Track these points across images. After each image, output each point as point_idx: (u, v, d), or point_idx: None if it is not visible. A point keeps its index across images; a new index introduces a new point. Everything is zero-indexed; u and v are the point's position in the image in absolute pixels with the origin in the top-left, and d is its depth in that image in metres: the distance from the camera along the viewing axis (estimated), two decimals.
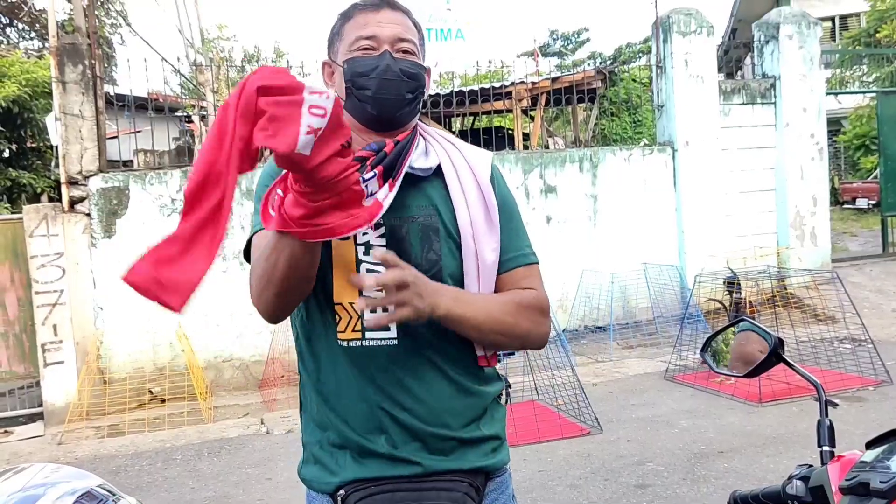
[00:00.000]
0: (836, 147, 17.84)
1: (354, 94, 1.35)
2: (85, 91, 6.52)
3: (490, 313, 1.30)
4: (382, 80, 1.33)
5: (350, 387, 1.34)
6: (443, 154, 1.39)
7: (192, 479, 4.65)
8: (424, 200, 1.36)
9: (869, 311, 7.78)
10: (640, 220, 8.30)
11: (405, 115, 1.38)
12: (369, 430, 1.32)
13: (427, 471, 1.32)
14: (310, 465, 1.40)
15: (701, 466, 4.27)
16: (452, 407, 1.35)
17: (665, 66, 8.57)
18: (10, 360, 6.46)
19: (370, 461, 1.32)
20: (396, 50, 1.35)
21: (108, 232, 6.60)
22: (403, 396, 1.32)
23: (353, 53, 1.36)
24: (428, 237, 1.34)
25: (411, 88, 1.36)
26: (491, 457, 1.39)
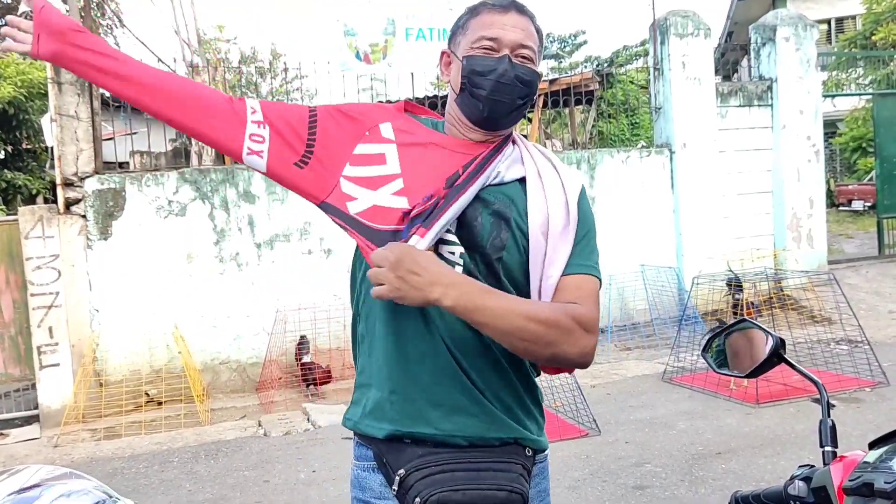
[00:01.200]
0: (831, 149, 17.88)
1: (468, 91, 1.38)
2: (80, 92, 6.51)
3: (511, 317, 1.25)
4: (498, 83, 1.36)
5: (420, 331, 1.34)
6: (531, 164, 1.41)
7: (189, 482, 4.63)
8: (503, 194, 1.38)
9: (865, 312, 7.79)
10: (638, 222, 8.31)
11: (513, 118, 1.41)
12: (429, 383, 1.33)
13: (480, 433, 1.33)
14: (357, 406, 1.42)
15: (699, 468, 4.26)
16: (505, 378, 1.37)
17: (662, 69, 8.58)
18: (5, 363, 6.43)
19: (425, 414, 1.33)
20: (516, 55, 1.37)
21: (104, 234, 6.57)
22: (463, 354, 1.33)
23: (474, 51, 1.38)
24: (499, 224, 1.35)
25: (523, 94, 1.39)
26: (538, 435, 1.42)
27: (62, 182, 6.49)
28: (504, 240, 1.34)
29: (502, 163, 1.39)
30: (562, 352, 1.29)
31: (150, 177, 6.78)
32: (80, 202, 6.54)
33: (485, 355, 1.35)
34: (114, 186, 6.63)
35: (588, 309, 1.32)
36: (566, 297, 1.33)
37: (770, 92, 8.94)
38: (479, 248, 1.34)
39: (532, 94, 1.41)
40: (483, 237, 1.34)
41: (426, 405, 1.33)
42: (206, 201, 6.87)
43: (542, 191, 1.38)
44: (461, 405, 1.33)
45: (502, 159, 1.40)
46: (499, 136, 1.43)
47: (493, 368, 1.35)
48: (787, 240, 8.86)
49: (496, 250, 1.34)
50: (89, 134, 6.55)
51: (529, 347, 1.28)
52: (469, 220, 1.34)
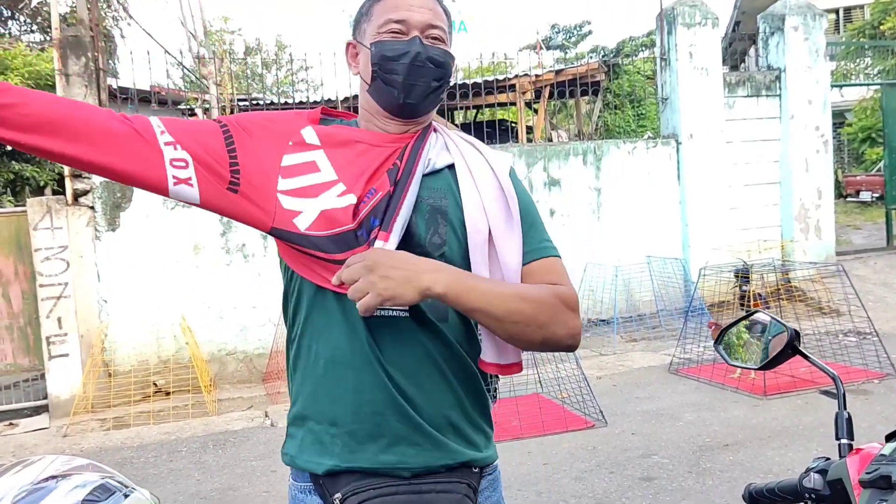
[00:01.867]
0: (839, 140, 17.78)
1: (381, 78, 1.33)
2: (88, 84, 6.51)
3: (503, 297, 1.21)
4: (412, 66, 1.30)
5: (351, 361, 1.27)
6: (456, 151, 1.37)
7: (197, 471, 4.66)
8: (437, 184, 1.33)
9: (873, 303, 7.76)
10: (644, 214, 8.28)
11: (430, 103, 1.36)
12: (369, 414, 1.26)
13: (425, 464, 1.27)
14: (294, 441, 1.34)
15: (706, 459, 4.27)
16: (451, 394, 1.31)
17: (669, 59, 8.53)
18: (14, 353, 6.47)
19: (365, 447, 1.26)
20: (426, 36, 1.32)
21: (112, 225, 6.59)
22: (404, 378, 1.27)
23: (382, 36, 1.32)
24: (434, 219, 1.30)
25: (438, 76, 1.33)
26: (485, 450, 1.36)
27: (70, 173, 6.50)
28: (443, 235, 1.29)
29: (432, 150, 1.35)
30: (553, 333, 1.25)
31: None
32: (88, 193, 6.55)
33: (431, 377, 1.28)
34: None
35: (568, 288, 1.30)
36: (539, 282, 1.29)
37: (778, 82, 8.88)
38: (416, 248, 1.26)
39: (447, 76, 1.35)
40: (420, 236, 1.28)
41: (366, 438, 1.26)
42: None
43: (472, 177, 1.33)
44: (403, 435, 1.26)
45: (431, 146, 1.35)
46: (418, 123, 1.37)
47: (439, 389, 1.29)
48: (795, 231, 8.82)
49: (436, 248, 1.28)
50: None
51: (523, 331, 1.23)
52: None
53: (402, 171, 1.29)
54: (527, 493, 3.90)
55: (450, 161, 1.35)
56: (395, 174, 1.29)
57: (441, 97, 1.39)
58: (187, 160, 1.23)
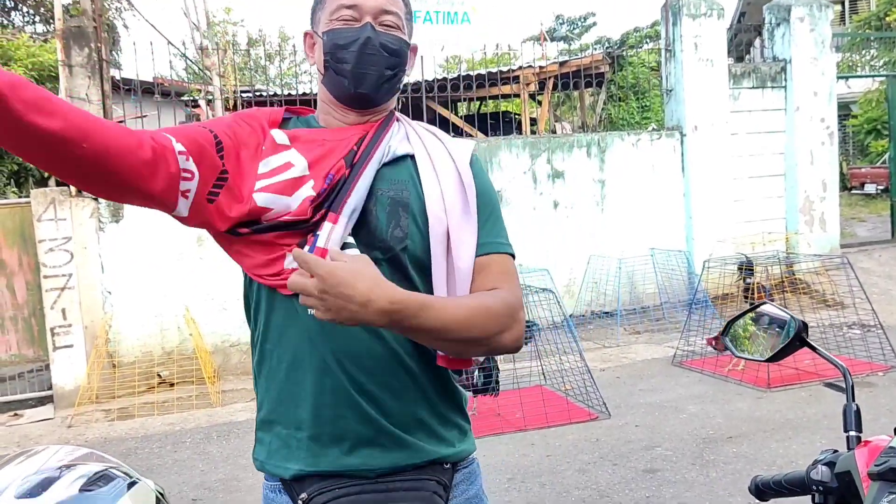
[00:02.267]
0: (844, 132, 17.70)
1: (332, 68, 1.29)
2: (91, 74, 6.49)
3: (451, 324, 1.16)
4: (362, 54, 1.26)
5: (310, 363, 1.25)
6: (417, 142, 1.34)
7: (201, 462, 4.67)
8: (397, 175, 1.30)
9: (878, 296, 7.74)
10: (648, 206, 8.26)
11: (383, 92, 1.31)
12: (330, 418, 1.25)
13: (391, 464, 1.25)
14: (262, 445, 1.33)
15: (710, 451, 4.26)
16: (418, 391, 1.28)
17: (674, 50, 8.49)
18: (19, 344, 6.49)
19: (328, 451, 1.25)
20: (379, 23, 1.28)
21: (116, 216, 6.59)
22: (367, 378, 1.24)
23: (333, 24, 1.28)
24: (396, 212, 1.26)
25: (391, 65, 1.29)
26: (457, 445, 1.33)
27: None
28: (405, 228, 1.26)
29: (393, 138, 1.32)
30: (499, 343, 1.23)
31: None
32: None
33: (395, 375, 1.25)
34: None
35: (514, 292, 1.26)
36: (488, 281, 1.25)
37: (784, 73, 8.83)
38: (378, 242, 1.24)
39: (402, 65, 1.32)
40: (381, 230, 1.25)
41: (329, 441, 1.25)
42: None
43: (433, 167, 1.30)
44: (365, 437, 1.24)
45: (392, 135, 1.32)
46: (376, 113, 1.33)
47: (405, 387, 1.26)
48: (800, 223, 8.79)
49: (398, 241, 1.25)
50: (100, 116, 6.53)
51: (467, 349, 1.23)
52: (364, 212, 1.25)
53: (359, 155, 1.27)
54: (530, 485, 3.90)
55: (410, 151, 1.32)
56: (351, 158, 1.26)
57: (398, 86, 1.34)
58: (193, 172, 1.18)
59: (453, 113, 11.40)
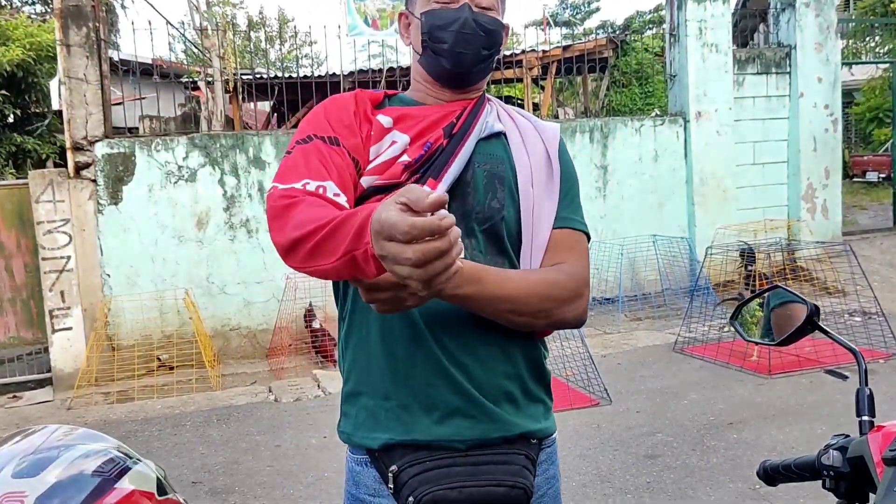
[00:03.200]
0: (847, 119, 17.61)
1: (430, 48, 1.33)
2: (89, 54, 6.43)
3: (513, 297, 1.18)
4: (460, 34, 1.30)
5: (401, 333, 1.25)
6: (508, 121, 1.38)
7: (202, 445, 4.67)
8: (493, 150, 1.34)
9: (879, 284, 7.73)
10: (651, 192, 8.22)
11: (479, 71, 1.36)
12: (421, 386, 1.25)
13: (481, 435, 1.25)
14: (348, 418, 1.33)
15: (710, 437, 4.26)
16: (508, 364, 1.29)
17: (678, 35, 8.41)
18: (17, 326, 6.47)
19: (419, 420, 1.25)
20: (476, 4, 1.32)
21: (115, 198, 6.55)
22: (458, 348, 1.25)
23: (432, 5, 1.32)
24: (493, 185, 1.30)
25: (488, 44, 1.33)
26: (544, 421, 1.34)
27: (72, 146, 6.45)
28: (501, 200, 1.30)
29: (489, 115, 1.36)
30: (561, 317, 1.25)
31: (160, 142, 6.74)
32: (90, 166, 6.50)
33: (486, 346, 1.26)
34: (123, 151, 6.59)
35: (583, 268, 1.29)
36: (559, 255, 1.29)
37: (788, 59, 8.76)
38: (476, 213, 1.27)
39: (497, 45, 1.35)
40: (480, 201, 1.28)
41: (420, 411, 1.25)
42: (216, 167, 6.83)
43: (524, 145, 1.35)
44: (457, 407, 1.24)
45: (488, 113, 1.36)
46: (471, 92, 1.38)
47: (495, 359, 1.27)
48: (802, 210, 8.76)
49: (496, 212, 1.29)
50: (98, 97, 6.49)
51: (531, 322, 1.23)
52: (462, 183, 1.29)
53: (458, 127, 1.31)
54: None
55: (503, 129, 1.36)
56: (450, 129, 1.31)
57: (492, 66, 1.38)
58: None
59: None
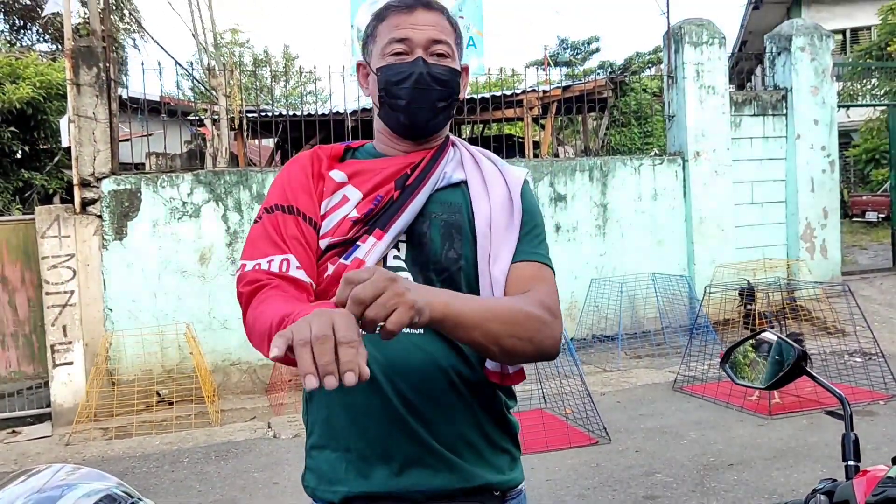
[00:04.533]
0: (845, 160, 17.77)
1: (387, 104, 1.33)
2: (99, 94, 6.56)
3: (493, 312, 1.14)
4: (415, 90, 1.30)
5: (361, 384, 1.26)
6: (472, 166, 1.37)
7: (199, 482, 4.65)
8: (451, 198, 1.33)
9: (880, 324, 7.73)
10: (650, 230, 8.29)
11: (437, 123, 1.36)
12: (378, 437, 1.24)
13: (440, 486, 1.24)
14: (312, 472, 1.34)
15: (710, 478, 4.24)
16: (469, 412, 1.27)
17: (676, 77, 8.56)
18: (19, 360, 6.48)
19: (376, 471, 1.24)
20: (430, 54, 1.31)
21: (120, 234, 6.62)
22: (417, 397, 1.23)
23: (387, 59, 1.32)
24: (450, 235, 1.29)
25: (444, 96, 1.33)
26: (509, 472, 1.31)
27: (79, 182, 6.54)
28: (458, 250, 1.28)
29: (448, 164, 1.35)
30: (542, 344, 1.19)
31: (166, 178, 6.83)
32: (96, 202, 6.59)
33: (445, 394, 1.24)
34: (129, 187, 6.68)
35: (550, 294, 1.25)
36: (523, 286, 1.25)
37: (785, 101, 8.90)
38: (433, 264, 1.26)
39: (454, 94, 1.34)
40: (436, 252, 1.27)
41: (378, 462, 1.24)
42: (219, 203, 6.91)
43: (486, 191, 1.33)
44: (414, 457, 1.23)
45: (447, 161, 1.35)
46: (432, 141, 1.37)
47: (454, 408, 1.25)
48: (801, 250, 8.81)
49: (452, 262, 1.27)
50: (107, 135, 6.60)
51: (516, 345, 1.15)
52: (418, 235, 1.28)
53: (412, 179, 1.30)
54: None
55: (464, 176, 1.35)
56: (403, 181, 1.30)
57: (451, 113, 1.38)
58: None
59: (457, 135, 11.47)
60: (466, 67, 1.40)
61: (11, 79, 9.82)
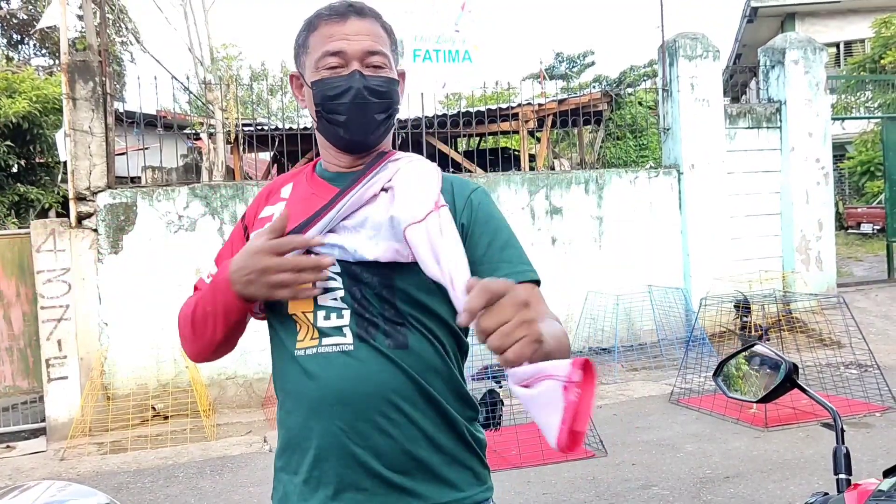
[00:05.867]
0: (840, 172, 17.86)
1: (325, 119, 1.30)
2: (95, 108, 6.58)
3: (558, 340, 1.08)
4: (353, 105, 1.26)
5: (302, 406, 1.24)
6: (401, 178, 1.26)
7: (194, 498, 4.62)
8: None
9: (875, 336, 7.74)
10: (646, 243, 8.30)
11: (378, 136, 1.32)
12: (316, 461, 1.23)
13: None
14: (275, 491, 1.35)
15: (707, 491, 4.23)
16: (414, 428, 1.22)
17: (671, 90, 8.61)
18: (13, 375, 6.45)
19: (314, 496, 1.23)
20: (366, 65, 1.27)
21: (115, 248, 6.61)
22: (354, 418, 1.20)
23: (321, 73, 1.28)
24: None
25: (383, 108, 1.29)
26: (467, 489, 1.26)
27: (75, 196, 6.54)
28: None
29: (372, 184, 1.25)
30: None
31: (162, 192, 6.83)
32: (91, 216, 6.58)
33: (382, 413, 1.20)
34: (125, 201, 6.68)
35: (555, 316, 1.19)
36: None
37: (779, 114, 8.95)
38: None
39: (394, 105, 1.31)
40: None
41: (316, 486, 1.23)
42: (215, 216, 6.91)
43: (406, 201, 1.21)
44: (349, 481, 1.21)
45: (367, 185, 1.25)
46: (372, 154, 1.32)
47: (396, 425, 1.21)
48: (796, 262, 8.83)
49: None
50: (102, 149, 6.61)
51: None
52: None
53: (339, 192, 1.26)
54: None
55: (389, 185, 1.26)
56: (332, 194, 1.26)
57: (391, 126, 1.34)
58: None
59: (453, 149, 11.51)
60: (403, 73, 1.37)
61: (8, 93, 9.85)
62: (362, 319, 1.23)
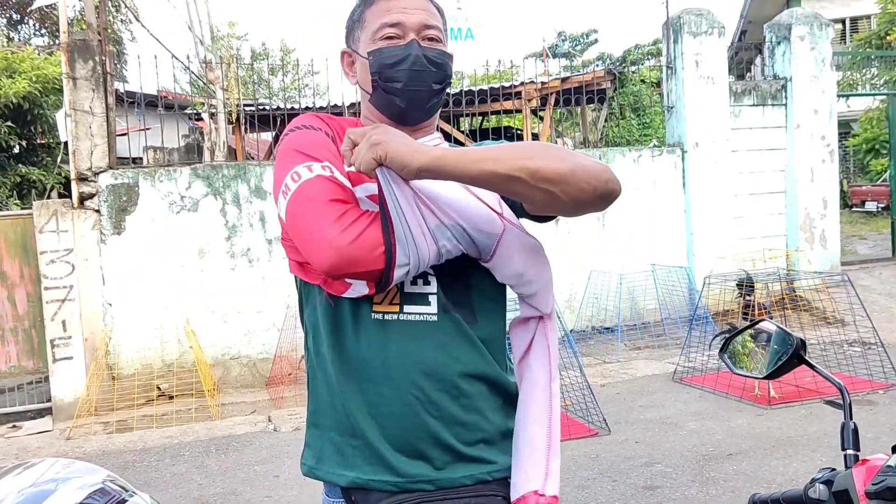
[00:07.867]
0: (845, 150, 17.74)
1: (382, 87, 1.30)
2: (95, 87, 6.54)
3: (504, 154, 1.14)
4: (412, 71, 1.27)
5: (374, 371, 1.23)
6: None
7: (199, 476, 4.66)
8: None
9: (879, 314, 7.73)
10: (649, 222, 8.27)
11: (433, 106, 1.34)
12: (386, 426, 1.23)
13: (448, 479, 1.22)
14: (311, 450, 1.32)
15: (710, 468, 4.24)
16: (483, 400, 1.26)
17: (675, 67, 8.53)
18: (19, 356, 6.48)
19: (386, 461, 1.23)
20: (423, 38, 1.29)
21: (118, 228, 6.61)
22: (430, 385, 1.22)
23: (378, 43, 1.29)
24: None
25: (440, 79, 1.31)
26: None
27: (76, 177, 6.52)
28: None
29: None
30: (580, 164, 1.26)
31: (164, 172, 6.81)
32: (93, 197, 6.57)
33: (457, 385, 1.23)
34: (127, 181, 6.66)
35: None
36: None
37: (784, 91, 8.87)
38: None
39: (448, 78, 1.33)
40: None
41: (387, 450, 1.22)
42: (218, 197, 6.90)
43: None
44: (425, 448, 1.22)
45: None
46: (422, 129, 1.35)
47: (468, 396, 1.24)
48: (800, 240, 8.80)
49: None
50: (103, 129, 6.58)
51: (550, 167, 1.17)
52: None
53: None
54: None
55: None
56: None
57: (443, 99, 1.36)
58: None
59: (455, 128, 11.45)
60: (451, 55, 1.38)
61: (7, 73, 9.79)
62: (450, 291, 1.25)
